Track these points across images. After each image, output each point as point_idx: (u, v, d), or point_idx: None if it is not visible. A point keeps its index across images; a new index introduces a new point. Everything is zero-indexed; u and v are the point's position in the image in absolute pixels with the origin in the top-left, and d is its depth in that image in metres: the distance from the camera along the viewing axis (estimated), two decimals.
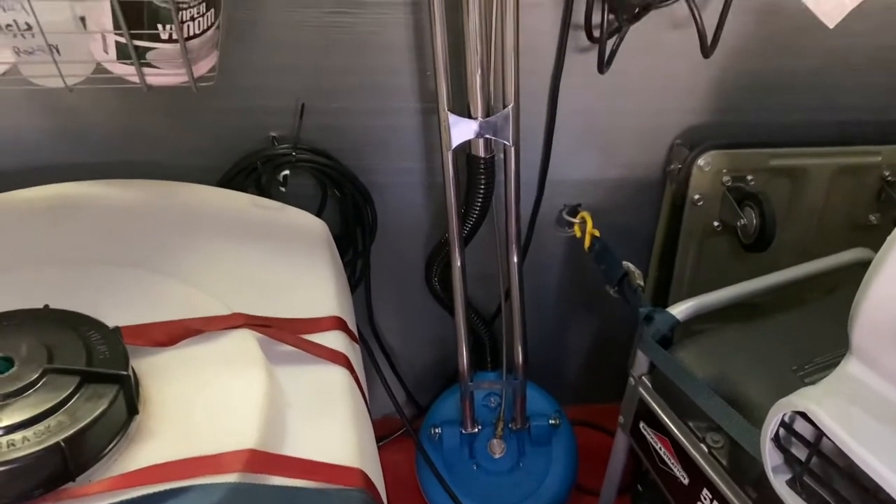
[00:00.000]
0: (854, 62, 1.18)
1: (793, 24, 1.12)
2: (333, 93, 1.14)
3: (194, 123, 1.14)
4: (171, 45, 0.79)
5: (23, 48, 0.79)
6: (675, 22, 1.10)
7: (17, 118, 1.11)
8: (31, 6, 0.73)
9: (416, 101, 1.16)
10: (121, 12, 0.75)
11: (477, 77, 1.01)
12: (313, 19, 1.07)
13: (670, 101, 1.20)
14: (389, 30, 1.09)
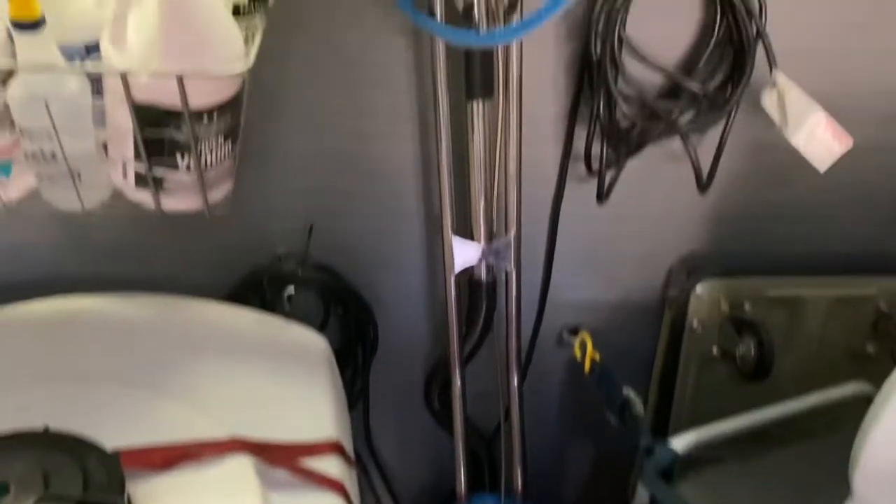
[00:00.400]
0: (847, 196, 1.22)
1: (786, 159, 1.15)
2: (341, 214, 1.18)
3: (202, 239, 1.17)
4: (188, 175, 0.83)
5: (46, 174, 0.82)
6: (672, 155, 1.14)
7: (27, 230, 1.14)
8: (58, 137, 0.76)
9: (421, 223, 1.20)
10: (143, 145, 0.78)
11: (480, 204, 1.04)
12: (325, 147, 1.12)
13: (668, 229, 1.23)
14: (397, 157, 1.13)
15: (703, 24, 1.04)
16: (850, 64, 1.10)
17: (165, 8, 0.71)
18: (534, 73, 1.05)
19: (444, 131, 0.99)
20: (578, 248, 1.24)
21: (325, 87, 1.07)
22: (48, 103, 0.74)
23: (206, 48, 0.74)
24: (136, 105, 0.75)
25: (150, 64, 0.73)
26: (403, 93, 1.08)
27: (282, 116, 1.09)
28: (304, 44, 1.03)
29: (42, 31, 0.71)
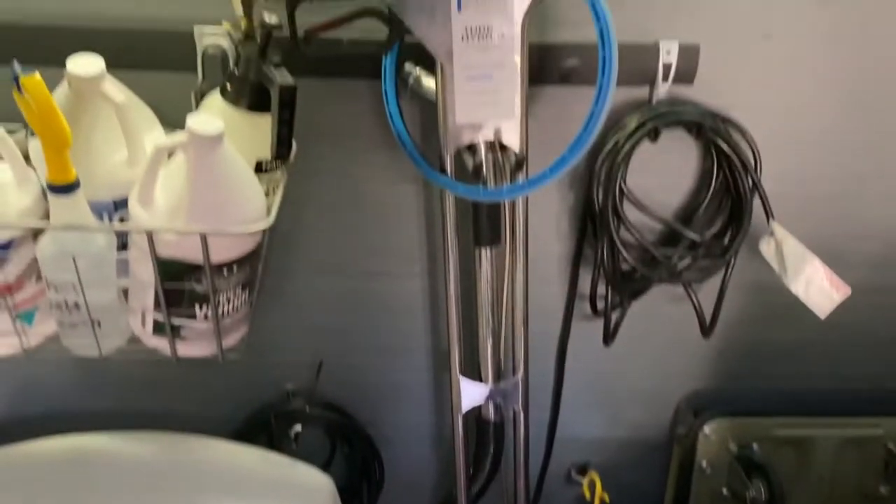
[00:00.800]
0: (847, 335, 1.23)
1: (788, 300, 1.18)
2: (351, 351, 1.19)
3: (212, 376, 1.19)
4: (205, 323, 0.85)
5: (67, 322, 0.85)
6: (675, 296, 1.17)
7: (42, 367, 1.15)
8: (82, 289, 0.79)
9: (430, 360, 1.21)
10: (163, 296, 0.81)
11: (488, 345, 1.06)
12: (337, 286, 1.15)
13: (674, 367, 1.24)
14: (406, 296, 1.16)
15: (701, 174, 1.09)
16: (844, 209, 1.14)
17: (193, 169, 0.76)
18: (539, 219, 1.10)
19: (452, 277, 1.02)
20: (585, 386, 1.25)
21: (338, 229, 1.11)
22: (76, 259, 0.77)
23: (229, 207, 0.78)
24: (159, 260, 0.78)
25: (176, 222, 0.77)
26: (413, 235, 1.12)
27: (295, 256, 1.12)
28: (319, 189, 1.08)
29: (76, 194, 0.75)
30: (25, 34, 0.93)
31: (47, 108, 0.69)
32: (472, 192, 0.92)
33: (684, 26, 1.00)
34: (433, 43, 0.86)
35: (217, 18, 0.93)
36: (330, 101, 1.02)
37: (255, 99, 0.85)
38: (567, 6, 0.98)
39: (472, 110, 0.89)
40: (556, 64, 1.00)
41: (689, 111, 1.01)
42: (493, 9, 0.85)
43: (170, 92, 0.96)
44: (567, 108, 1.03)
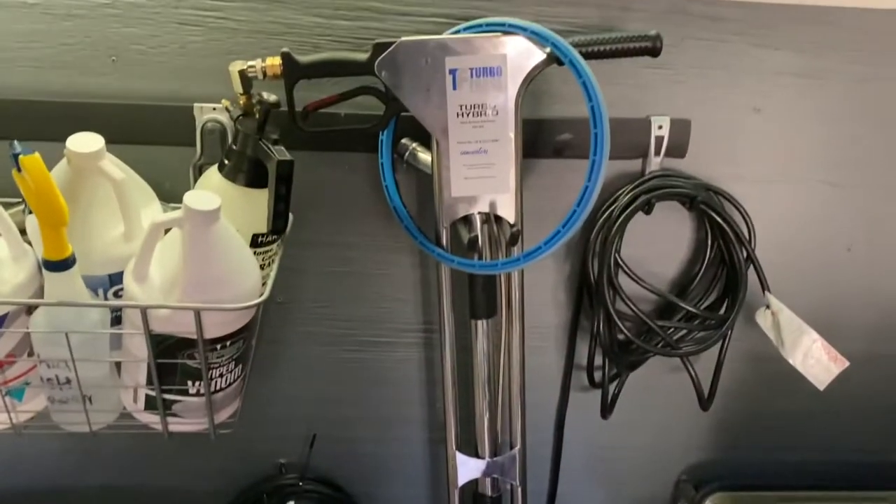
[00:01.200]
0: (845, 405, 1.22)
1: (787, 370, 1.17)
2: (345, 423, 1.18)
3: (204, 450, 1.17)
4: (197, 398, 0.84)
5: (57, 398, 0.84)
6: (674, 366, 1.16)
7: (32, 443, 1.13)
8: (74, 365, 0.79)
9: (425, 431, 1.20)
10: (156, 372, 0.80)
11: (485, 419, 1.05)
12: (331, 356, 1.14)
13: (673, 439, 1.23)
14: (402, 365, 1.15)
15: (696, 245, 1.10)
16: (836, 278, 1.15)
17: (189, 245, 0.76)
18: (535, 290, 1.10)
19: (448, 349, 1.02)
20: (584, 459, 1.23)
21: (333, 299, 1.11)
22: (69, 335, 0.76)
23: (224, 283, 0.78)
24: (152, 335, 0.78)
25: (170, 298, 0.77)
26: (409, 305, 1.12)
27: (289, 326, 1.12)
28: (315, 260, 1.08)
29: (71, 270, 0.75)
30: (28, 110, 0.94)
31: (45, 187, 0.70)
32: (467, 265, 0.92)
33: (675, 101, 1.02)
34: (429, 120, 0.88)
35: (216, 95, 0.95)
36: (327, 174, 1.03)
37: (252, 174, 0.86)
38: (560, 82, 1.00)
39: (467, 184, 0.91)
40: (550, 138, 1.01)
41: (683, 184, 1.02)
42: (488, 87, 0.86)
43: (169, 165, 0.97)
44: (561, 180, 1.05)
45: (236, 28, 0.95)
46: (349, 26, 0.96)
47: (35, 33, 0.93)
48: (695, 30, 0.99)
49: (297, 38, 0.96)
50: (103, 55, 0.95)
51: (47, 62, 0.94)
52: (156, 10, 0.93)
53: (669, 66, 1.01)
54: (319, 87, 0.92)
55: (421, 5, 0.95)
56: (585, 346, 1.14)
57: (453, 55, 0.86)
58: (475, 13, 0.95)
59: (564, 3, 0.96)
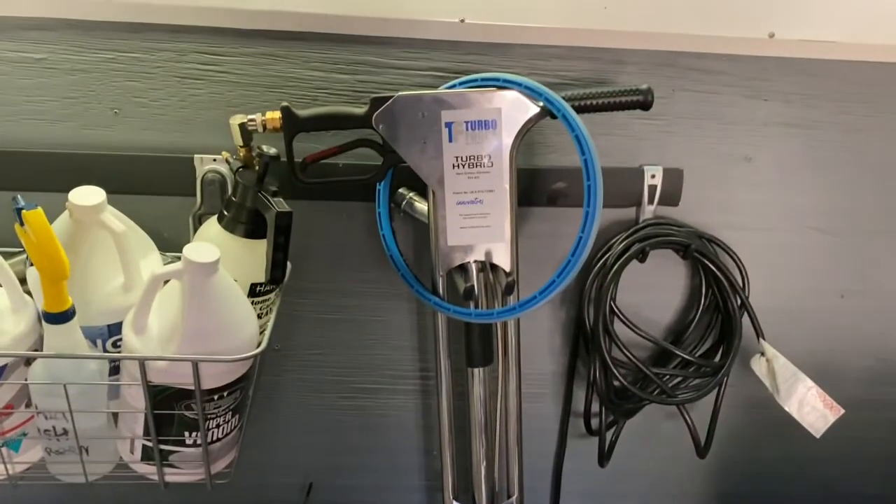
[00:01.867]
0: (842, 450, 1.22)
1: (783, 416, 1.17)
2: (341, 470, 1.17)
3: (201, 499, 1.16)
4: (194, 449, 0.84)
5: (54, 449, 0.84)
6: (670, 413, 1.16)
7: (27, 492, 1.13)
8: (72, 416, 0.79)
9: (421, 479, 1.19)
10: (153, 422, 0.80)
11: (482, 468, 1.04)
12: (327, 402, 1.14)
13: (671, 486, 1.22)
14: (398, 413, 1.15)
15: (690, 292, 1.11)
16: (832, 326, 1.15)
17: (188, 296, 0.76)
18: (531, 337, 1.10)
19: (444, 398, 1.02)
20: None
21: (330, 346, 1.12)
22: (67, 386, 0.77)
23: (222, 334, 0.79)
24: (150, 386, 0.78)
25: (168, 349, 0.77)
26: (406, 352, 1.13)
27: (286, 373, 1.12)
28: (312, 307, 1.09)
29: (71, 322, 0.76)
30: (32, 162, 0.96)
31: (47, 242, 0.71)
32: (463, 313, 0.93)
33: (668, 151, 1.04)
34: (425, 171, 0.89)
35: (216, 147, 0.97)
36: (324, 222, 1.04)
37: (251, 225, 0.87)
38: (553, 133, 1.02)
39: (463, 233, 0.92)
40: (544, 187, 1.03)
41: (676, 232, 1.03)
42: (483, 139, 0.88)
43: (168, 215, 0.99)
44: (556, 228, 1.06)
45: (236, 81, 0.97)
46: (347, 80, 0.98)
47: (40, 87, 0.95)
48: (686, 82, 1.02)
49: (295, 92, 0.98)
50: (106, 108, 0.97)
51: (51, 115, 0.96)
52: (157, 65, 0.96)
53: (662, 117, 1.03)
54: (318, 139, 0.94)
55: (417, 59, 0.97)
56: (582, 394, 1.14)
57: (449, 109, 0.88)
58: (470, 67, 0.97)
59: (557, 57, 0.98)
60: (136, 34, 0.94)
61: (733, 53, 1.00)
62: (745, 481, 1.23)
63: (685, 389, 1.07)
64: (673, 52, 1.00)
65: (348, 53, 0.97)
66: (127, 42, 0.94)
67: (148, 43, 0.94)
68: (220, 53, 0.95)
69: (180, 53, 0.95)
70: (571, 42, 0.98)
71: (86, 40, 0.94)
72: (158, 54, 0.95)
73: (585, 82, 1.00)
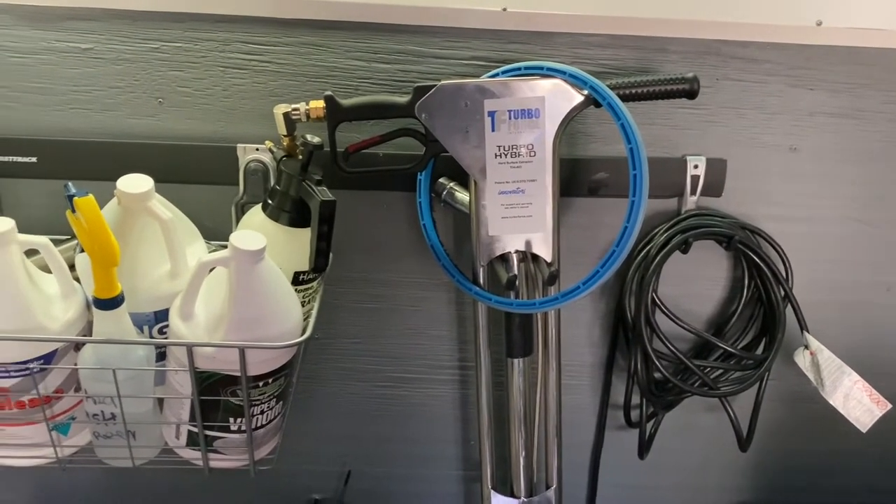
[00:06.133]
0: (887, 445, 1.20)
1: (826, 410, 1.16)
2: (378, 459, 1.18)
3: (239, 484, 1.17)
4: (238, 435, 0.85)
5: (102, 433, 0.85)
6: (709, 406, 1.15)
7: (71, 475, 1.15)
8: (120, 401, 0.80)
9: (459, 468, 1.19)
10: (199, 408, 0.81)
11: (521, 459, 1.04)
12: (366, 391, 1.15)
13: (710, 479, 1.21)
14: (437, 402, 1.16)
15: (732, 284, 1.09)
16: (878, 319, 1.13)
17: (234, 284, 0.77)
18: (570, 328, 1.10)
19: (484, 388, 1.02)
20: (619, 500, 1.22)
21: (369, 335, 1.12)
22: (115, 371, 0.78)
23: (268, 321, 0.79)
24: (197, 372, 0.79)
25: (215, 336, 0.78)
26: (444, 342, 1.13)
27: (325, 362, 1.13)
28: (351, 297, 1.09)
29: (120, 308, 0.77)
30: (80, 151, 0.97)
31: (99, 228, 0.72)
32: (504, 304, 0.93)
33: (711, 140, 1.03)
34: (467, 160, 0.89)
35: (259, 136, 0.97)
36: (364, 212, 1.05)
37: (294, 214, 0.88)
38: (594, 122, 1.01)
39: (505, 223, 0.92)
40: (585, 177, 1.02)
41: (719, 223, 1.02)
42: (526, 128, 0.88)
43: (211, 204, 0.99)
44: (596, 219, 1.05)
45: (279, 71, 0.97)
46: (388, 69, 0.98)
47: (86, 77, 0.96)
48: (730, 70, 1.00)
49: (337, 81, 0.98)
50: (150, 97, 0.98)
51: (97, 104, 0.97)
52: (201, 54, 0.96)
53: (704, 106, 1.01)
54: (358, 129, 0.94)
55: (458, 48, 0.97)
56: (621, 385, 1.13)
57: (492, 98, 0.87)
58: (512, 56, 0.97)
59: (600, 45, 0.98)
60: (181, 24, 0.95)
61: (779, 42, 0.99)
62: (785, 475, 1.21)
63: (725, 382, 1.05)
64: (717, 41, 0.99)
65: (390, 43, 0.97)
66: (171, 32, 0.95)
67: (192, 32, 0.95)
68: (263, 43, 0.96)
69: (224, 43, 0.96)
70: (614, 30, 0.97)
71: (131, 30, 0.95)
72: (202, 44, 0.96)
73: (628, 71, 0.99)
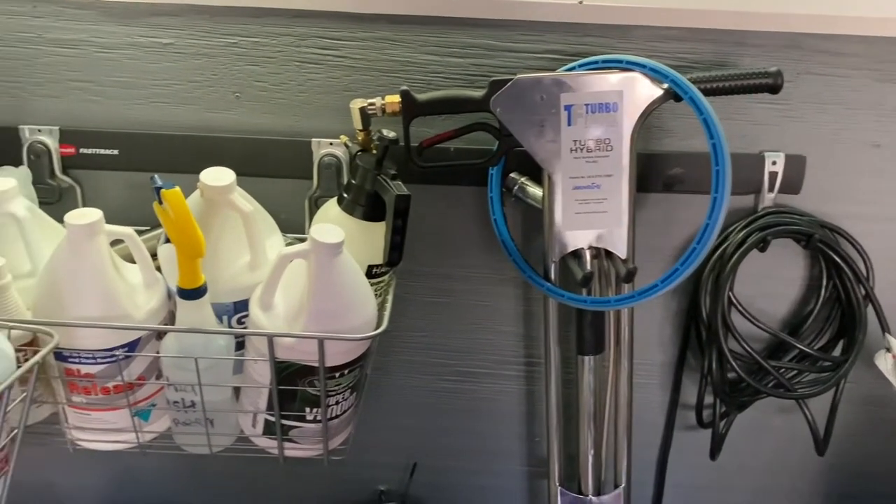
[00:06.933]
0: None
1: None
2: (443, 452, 1.18)
3: (306, 474, 1.19)
4: (314, 425, 0.86)
5: (182, 420, 0.87)
6: (781, 408, 1.13)
7: (138, 459, 1.18)
8: (200, 389, 0.82)
9: (524, 465, 1.19)
10: (277, 398, 0.83)
11: (589, 457, 1.03)
12: (432, 385, 1.15)
13: (782, 483, 1.19)
14: (503, 398, 1.15)
15: (809, 283, 1.06)
16: None
17: (314, 276, 0.78)
18: (640, 327, 1.08)
19: (553, 385, 1.02)
20: (686, 500, 1.20)
21: (435, 329, 1.12)
22: (197, 360, 0.80)
23: (346, 313, 0.80)
24: (276, 362, 0.80)
25: (294, 327, 0.79)
26: (510, 338, 1.12)
27: (391, 356, 1.13)
28: (418, 291, 1.09)
29: (203, 298, 0.78)
30: (160, 144, 1.00)
31: (185, 219, 0.74)
32: (578, 300, 0.92)
33: (789, 136, 1.00)
34: (541, 155, 0.89)
35: (333, 131, 0.98)
36: (432, 206, 1.05)
37: (368, 208, 0.88)
38: (670, 116, 1.00)
39: (579, 219, 0.91)
40: (660, 172, 1.01)
41: (798, 221, 0.99)
42: (603, 122, 0.87)
43: (285, 197, 1.01)
44: (670, 215, 1.04)
45: (353, 66, 0.98)
46: (461, 63, 0.98)
47: (166, 71, 0.98)
48: (811, 64, 0.97)
49: (410, 76, 0.98)
50: (227, 91, 0.99)
51: (176, 98, 1.00)
52: (278, 49, 0.97)
53: (784, 101, 0.99)
54: (429, 123, 0.94)
55: (533, 42, 0.96)
56: (691, 385, 1.11)
57: (569, 91, 0.87)
58: (588, 49, 0.96)
59: (677, 39, 0.96)
60: (258, 19, 0.96)
61: (865, 35, 0.95)
62: (859, 481, 1.18)
63: (800, 384, 1.03)
64: (799, 34, 0.96)
65: (464, 37, 0.96)
66: (249, 27, 0.97)
67: (269, 28, 0.96)
68: (338, 38, 0.97)
69: (300, 38, 0.97)
70: (692, 23, 0.95)
71: (210, 25, 0.96)
72: (279, 39, 0.97)
73: (706, 65, 0.97)
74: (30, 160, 1.00)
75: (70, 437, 0.89)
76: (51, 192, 1.01)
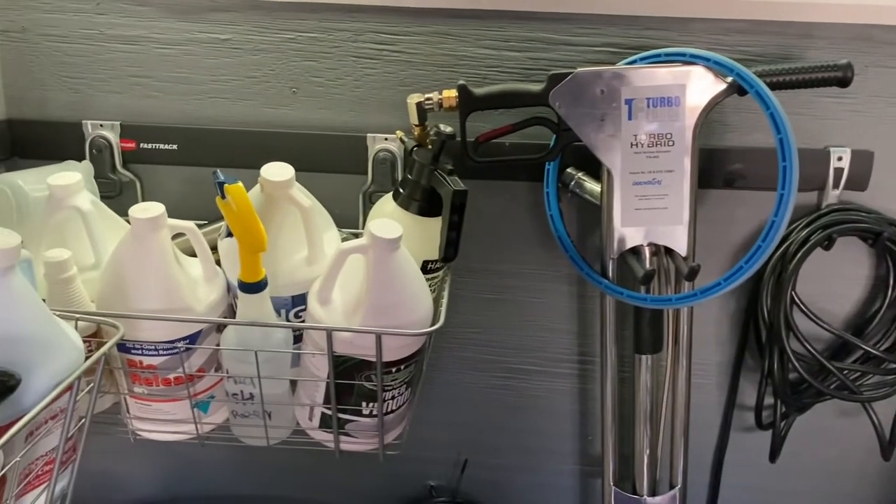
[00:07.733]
0: None
1: None
2: (494, 450, 1.18)
3: (357, 467, 1.19)
4: (370, 419, 0.86)
5: (240, 412, 0.88)
6: (843, 410, 1.09)
7: (195, 450, 1.19)
8: (259, 382, 0.82)
9: (576, 463, 1.18)
10: (334, 391, 0.83)
11: (645, 457, 1.02)
12: (484, 381, 1.15)
13: (842, 487, 1.15)
14: (555, 396, 1.14)
15: (875, 283, 1.03)
16: None
17: (372, 271, 0.78)
18: (697, 326, 1.06)
19: (609, 384, 1.00)
20: (742, 502, 1.17)
21: (488, 325, 1.12)
22: (257, 353, 0.80)
23: (403, 308, 0.80)
24: (334, 356, 0.81)
25: (352, 322, 0.79)
26: (564, 335, 1.11)
27: (443, 351, 1.13)
28: (471, 287, 1.09)
29: (263, 292, 0.79)
30: (219, 138, 1.01)
31: (248, 214, 0.74)
32: (638, 298, 0.91)
33: (856, 131, 0.98)
34: (601, 150, 0.87)
35: (388, 126, 0.98)
36: (487, 202, 1.04)
37: (424, 203, 0.88)
38: (732, 111, 0.97)
39: (638, 215, 0.89)
40: (721, 168, 0.99)
41: (865, 219, 0.96)
42: (665, 117, 0.85)
43: (340, 192, 1.01)
44: (731, 212, 1.02)
45: (409, 61, 0.98)
46: (518, 57, 0.97)
47: (225, 67, 0.99)
48: (881, 57, 0.94)
49: (466, 70, 0.98)
50: (285, 87, 1.00)
51: (234, 94, 1.01)
52: (334, 45, 0.98)
53: (851, 95, 0.96)
54: (485, 118, 0.93)
55: (591, 35, 0.95)
56: (749, 385, 1.09)
57: (630, 85, 0.85)
58: (648, 42, 0.94)
59: (740, 31, 0.94)
60: (315, 14, 0.97)
61: None
62: None
63: (864, 386, 1.00)
64: (868, 25, 0.93)
65: (521, 31, 0.96)
66: (306, 22, 0.97)
67: (326, 23, 0.97)
68: (394, 33, 0.97)
69: (356, 33, 0.97)
70: (756, 15, 0.93)
71: (268, 21, 0.97)
72: (335, 34, 0.97)
73: (770, 58, 0.94)
74: (92, 155, 1.02)
75: (131, 427, 0.90)
76: (112, 186, 1.03)
